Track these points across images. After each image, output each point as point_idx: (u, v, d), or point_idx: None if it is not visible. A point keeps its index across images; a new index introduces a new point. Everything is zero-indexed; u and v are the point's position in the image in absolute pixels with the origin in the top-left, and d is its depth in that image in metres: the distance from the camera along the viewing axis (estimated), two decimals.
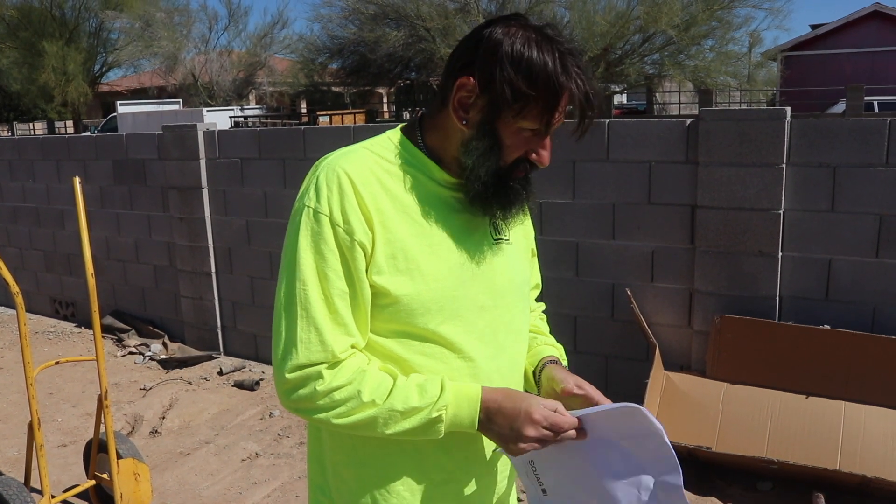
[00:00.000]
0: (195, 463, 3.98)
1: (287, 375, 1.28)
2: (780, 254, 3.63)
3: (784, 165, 3.54)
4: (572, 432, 1.29)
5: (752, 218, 3.63)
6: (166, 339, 5.90)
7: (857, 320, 3.53)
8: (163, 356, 5.64)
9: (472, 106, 1.28)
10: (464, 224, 1.36)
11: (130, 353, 5.80)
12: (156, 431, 4.43)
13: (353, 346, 1.30)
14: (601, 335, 4.14)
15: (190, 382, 5.12)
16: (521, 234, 1.51)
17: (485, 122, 1.27)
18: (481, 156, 1.28)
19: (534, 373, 1.52)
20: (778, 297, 3.66)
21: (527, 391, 1.44)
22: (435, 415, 1.27)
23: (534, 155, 1.32)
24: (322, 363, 1.27)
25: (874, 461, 3.18)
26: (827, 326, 3.51)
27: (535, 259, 1.65)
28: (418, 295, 1.30)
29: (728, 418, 3.51)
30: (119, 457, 3.27)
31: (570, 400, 1.39)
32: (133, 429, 4.50)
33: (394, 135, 1.39)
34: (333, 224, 1.26)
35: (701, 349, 3.84)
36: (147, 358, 5.65)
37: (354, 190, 1.27)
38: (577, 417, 1.30)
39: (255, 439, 4.22)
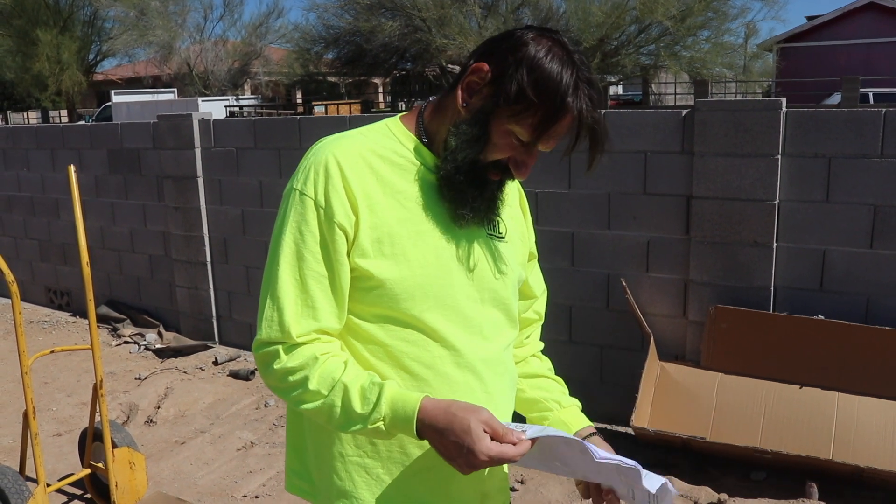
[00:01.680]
0: (190, 452, 3.98)
1: (255, 351, 1.33)
2: (775, 244, 3.63)
3: (779, 156, 3.54)
4: (527, 444, 1.24)
5: (748, 208, 3.64)
6: (161, 329, 5.90)
7: (851, 311, 3.54)
8: (158, 346, 5.64)
9: (477, 92, 1.29)
10: (452, 213, 1.35)
11: (125, 342, 5.80)
12: (151, 421, 4.44)
13: (321, 332, 1.30)
14: (596, 325, 4.14)
15: (185, 372, 5.12)
16: (519, 234, 1.51)
17: (483, 110, 1.28)
18: (466, 141, 1.29)
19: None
20: (773, 288, 3.67)
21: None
22: (372, 427, 1.25)
23: (513, 163, 1.32)
24: (279, 343, 1.29)
25: (867, 451, 3.19)
26: (821, 317, 3.52)
27: (536, 264, 1.63)
28: (402, 280, 1.30)
29: (722, 408, 3.52)
30: (114, 445, 3.27)
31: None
32: (128, 418, 4.50)
33: (392, 122, 1.40)
34: (317, 206, 1.28)
35: (696, 339, 3.85)
36: (142, 347, 5.65)
37: (341, 173, 1.29)
38: (533, 438, 1.25)
39: (250, 428, 4.23)
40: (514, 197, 1.52)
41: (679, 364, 3.79)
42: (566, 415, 1.55)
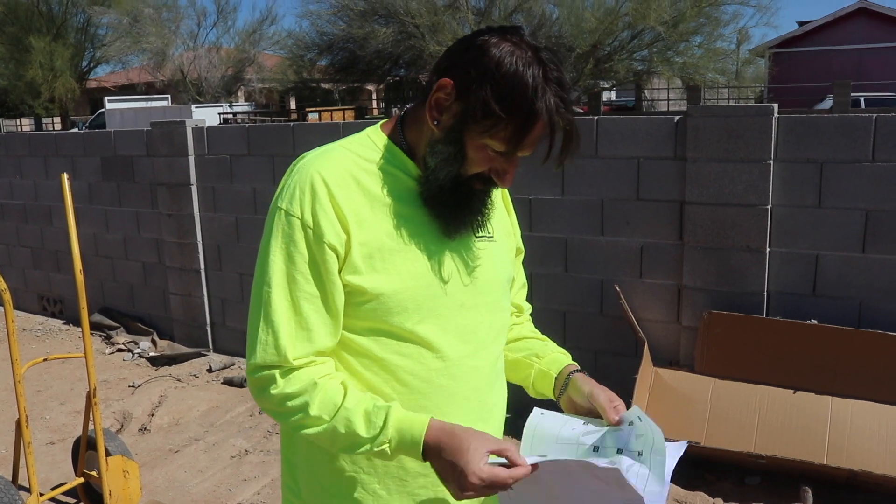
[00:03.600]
0: (184, 460, 3.97)
1: (249, 376, 1.30)
2: (768, 249, 3.65)
3: (771, 161, 3.56)
4: (525, 470, 1.21)
5: (740, 213, 3.65)
6: (155, 337, 5.88)
7: (844, 315, 3.56)
8: (152, 353, 5.62)
9: (446, 109, 1.26)
10: (443, 227, 1.34)
11: (119, 350, 5.78)
12: (145, 429, 4.42)
13: (317, 353, 1.29)
14: (590, 331, 4.15)
15: (179, 379, 5.10)
16: (504, 231, 1.50)
17: (454, 129, 1.26)
18: (443, 160, 1.27)
19: (556, 377, 1.49)
20: (766, 293, 3.68)
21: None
22: (378, 449, 1.25)
23: (494, 173, 1.30)
24: (276, 367, 1.27)
25: (861, 455, 3.20)
26: (814, 321, 3.53)
27: (521, 258, 1.61)
28: (395, 294, 1.29)
29: (716, 413, 3.53)
30: (108, 454, 3.26)
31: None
32: (122, 426, 4.48)
33: (373, 132, 1.38)
34: (304, 226, 1.26)
35: (689, 344, 3.86)
36: (136, 355, 5.63)
37: (328, 191, 1.27)
38: (535, 464, 1.22)
39: (244, 436, 4.22)
40: (496, 193, 1.49)
41: (673, 369, 3.80)
42: (545, 364, 1.52)
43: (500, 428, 1.49)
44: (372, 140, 1.36)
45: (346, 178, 1.29)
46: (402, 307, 1.30)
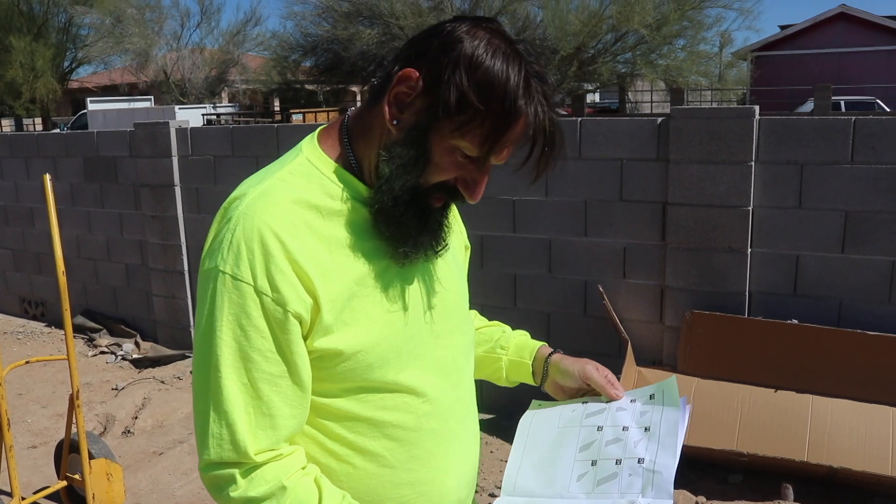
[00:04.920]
0: (169, 462, 3.96)
1: (203, 473, 1.10)
2: (750, 250, 3.68)
3: (753, 163, 3.60)
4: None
5: (722, 215, 3.68)
6: (138, 339, 5.85)
7: (824, 315, 3.60)
8: (135, 355, 5.60)
9: (409, 105, 1.07)
10: (393, 251, 1.16)
11: (102, 352, 5.74)
12: (128, 431, 4.40)
13: (282, 441, 1.10)
14: (574, 331, 4.17)
15: (163, 382, 5.08)
16: (456, 230, 1.39)
17: (418, 127, 1.07)
18: (402, 166, 1.08)
19: (532, 364, 1.45)
20: (747, 293, 3.72)
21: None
22: None
23: (462, 184, 1.11)
24: (235, 465, 1.07)
25: (840, 452, 3.24)
26: (795, 321, 3.57)
27: (469, 254, 1.49)
28: (374, 347, 1.12)
29: (699, 412, 3.56)
30: (91, 457, 3.24)
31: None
32: (105, 429, 4.46)
33: (311, 152, 1.16)
34: (259, 294, 1.04)
35: (672, 344, 3.89)
36: (119, 357, 5.60)
37: (283, 248, 1.05)
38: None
39: None
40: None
41: (656, 369, 3.83)
42: (514, 353, 1.47)
43: (478, 440, 1.41)
44: (313, 164, 1.14)
45: (297, 225, 1.08)
46: (383, 360, 1.14)
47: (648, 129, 3.84)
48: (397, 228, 1.11)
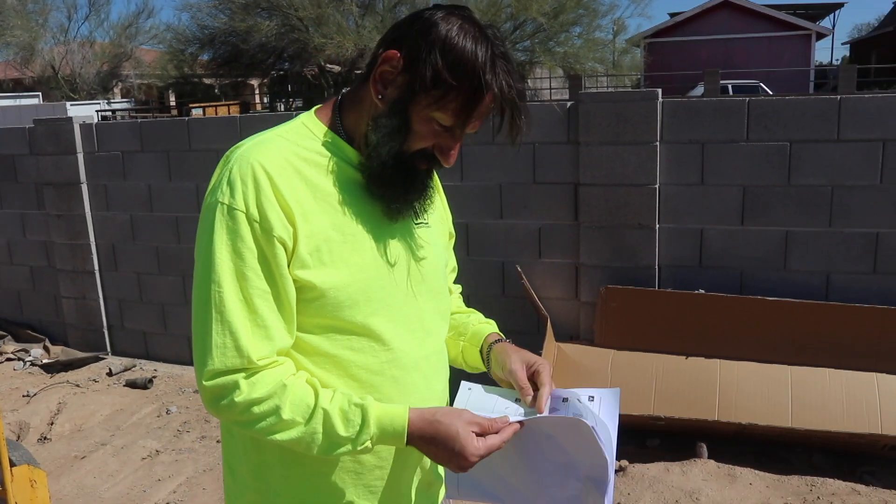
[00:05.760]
0: (93, 465, 3.87)
1: (205, 383, 1.21)
2: (657, 225, 3.89)
3: (658, 143, 3.79)
4: (514, 428, 1.29)
5: (631, 193, 3.87)
6: (47, 343, 5.65)
7: (728, 284, 3.84)
8: (45, 360, 5.40)
9: (392, 82, 1.24)
10: (385, 208, 1.31)
11: (8, 359, 5.51)
12: (45, 438, 4.27)
13: (277, 352, 1.24)
14: (494, 311, 4.24)
15: (78, 385, 4.94)
16: (438, 217, 1.52)
17: (399, 101, 1.23)
18: (387, 135, 1.24)
19: (480, 351, 1.54)
20: (657, 267, 3.93)
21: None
22: (361, 447, 1.23)
23: (438, 150, 1.28)
24: (239, 370, 1.20)
25: (747, 410, 3.48)
26: (702, 291, 3.79)
27: (453, 242, 1.64)
28: (345, 287, 1.26)
29: (617, 382, 3.74)
30: (12, 464, 3.14)
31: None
32: (18, 437, 4.30)
33: (308, 119, 1.34)
34: (250, 220, 1.20)
35: (589, 319, 4.06)
36: (28, 364, 5.39)
37: (271, 183, 1.21)
38: (521, 422, 1.30)
39: (153, 437, 4.14)
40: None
41: (575, 343, 4.00)
42: (469, 339, 1.57)
43: (446, 403, 1.49)
44: (308, 128, 1.32)
45: (287, 169, 1.24)
46: (353, 301, 1.27)
47: (559, 114, 3.98)
48: (388, 189, 1.29)
